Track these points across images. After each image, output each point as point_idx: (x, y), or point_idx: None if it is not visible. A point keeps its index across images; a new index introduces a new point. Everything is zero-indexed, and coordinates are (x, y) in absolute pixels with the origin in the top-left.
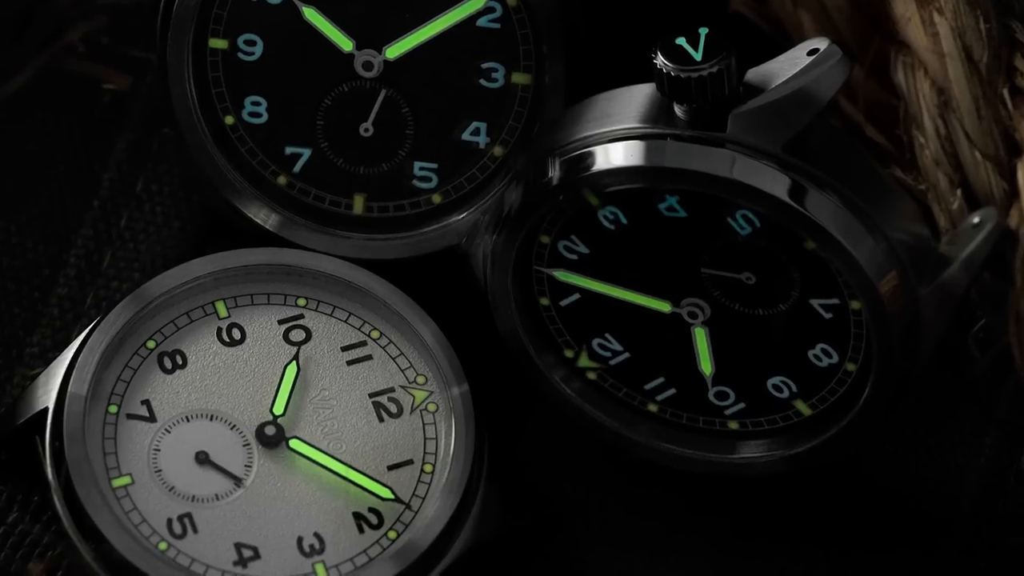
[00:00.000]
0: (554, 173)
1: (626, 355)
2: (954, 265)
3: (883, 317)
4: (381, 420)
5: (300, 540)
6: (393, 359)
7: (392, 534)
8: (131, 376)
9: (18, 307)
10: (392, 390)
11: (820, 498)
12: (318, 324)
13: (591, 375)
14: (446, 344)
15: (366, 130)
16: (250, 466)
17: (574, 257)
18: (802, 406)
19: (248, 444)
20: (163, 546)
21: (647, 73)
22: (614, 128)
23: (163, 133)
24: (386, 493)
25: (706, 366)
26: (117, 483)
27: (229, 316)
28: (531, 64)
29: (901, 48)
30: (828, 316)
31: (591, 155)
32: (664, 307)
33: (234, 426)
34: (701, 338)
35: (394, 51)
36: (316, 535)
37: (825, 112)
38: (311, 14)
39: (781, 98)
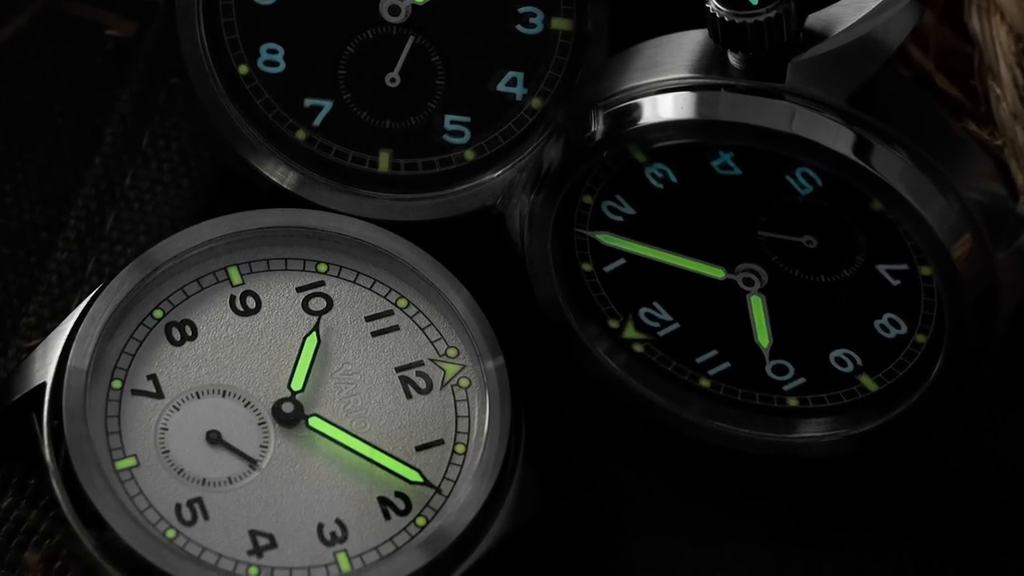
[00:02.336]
0: (597, 127)
1: (676, 325)
2: None
3: (956, 284)
4: (409, 396)
5: (320, 527)
6: (422, 330)
7: (421, 520)
8: (136, 348)
9: (13, 273)
10: (421, 364)
11: (887, 482)
12: (340, 292)
13: (638, 347)
14: (479, 314)
15: (393, 80)
16: (266, 447)
17: (619, 219)
18: (868, 381)
19: (264, 423)
20: (171, 533)
21: (698, 18)
22: (663, 78)
23: (171, 84)
24: (414, 476)
25: (763, 337)
26: (121, 465)
27: (243, 283)
28: (572, 8)
29: None
30: (896, 283)
31: (638, 107)
32: (717, 273)
33: (248, 403)
34: (758, 307)
35: None
36: (338, 522)
37: (893, 61)
38: None
39: (845, 45)
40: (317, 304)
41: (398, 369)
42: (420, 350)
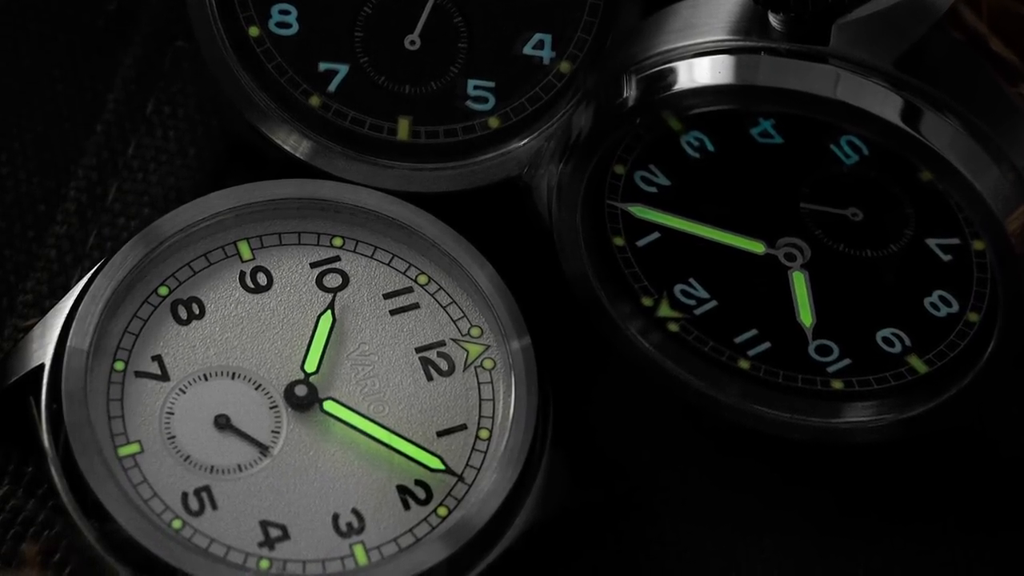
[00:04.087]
0: (630, 93)
1: (713, 303)
2: None
3: (1010, 259)
4: (429, 379)
5: (336, 518)
6: (443, 308)
7: (442, 511)
8: (140, 328)
9: (10, 248)
10: (442, 344)
11: (937, 469)
12: (356, 268)
13: (672, 326)
14: (504, 291)
15: (412, 43)
16: (278, 432)
17: (653, 190)
18: (917, 362)
19: (275, 406)
20: (177, 524)
21: None
22: (699, 40)
23: (177, 47)
24: (435, 463)
25: (806, 316)
26: (124, 451)
27: (254, 258)
28: None
29: None
30: (947, 258)
31: (672, 72)
32: (757, 248)
33: (259, 386)
34: (800, 284)
35: None
36: (354, 512)
37: (943, 23)
38: None
39: (893, 6)
40: (332, 281)
41: (418, 349)
42: (441, 329)
